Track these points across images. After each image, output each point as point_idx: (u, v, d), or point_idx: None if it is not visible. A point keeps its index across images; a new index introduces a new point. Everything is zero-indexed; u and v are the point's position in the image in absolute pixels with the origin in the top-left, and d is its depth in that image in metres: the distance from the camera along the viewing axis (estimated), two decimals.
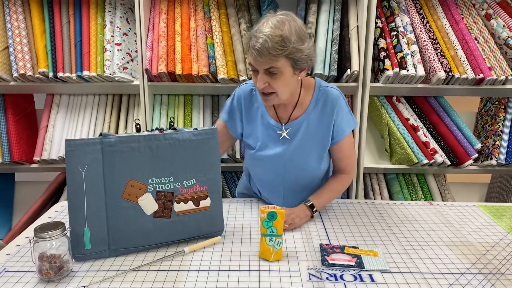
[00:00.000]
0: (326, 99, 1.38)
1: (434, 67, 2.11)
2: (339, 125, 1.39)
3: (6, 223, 2.53)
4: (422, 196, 2.37)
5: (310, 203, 1.38)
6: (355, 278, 1.01)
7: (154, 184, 1.12)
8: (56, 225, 1.00)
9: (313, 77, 1.44)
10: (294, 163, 1.42)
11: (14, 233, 2.37)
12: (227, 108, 1.50)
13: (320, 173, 1.48)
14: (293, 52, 1.19)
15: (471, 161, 2.22)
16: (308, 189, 1.49)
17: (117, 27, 2.19)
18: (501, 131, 2.30)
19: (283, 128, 1.40)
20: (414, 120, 2.30)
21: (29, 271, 1.05)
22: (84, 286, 0.97)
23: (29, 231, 1.29)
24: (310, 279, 1.01)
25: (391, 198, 2.41)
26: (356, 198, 2.31)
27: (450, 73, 2.10)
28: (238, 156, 2.27)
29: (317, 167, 1.44)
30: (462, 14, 2.26)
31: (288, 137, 1.40)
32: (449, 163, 2.23)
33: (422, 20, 2.24)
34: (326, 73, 2.09)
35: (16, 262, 1.09)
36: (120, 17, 2.21)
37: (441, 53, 2.15)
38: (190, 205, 1.17)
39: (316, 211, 1.38)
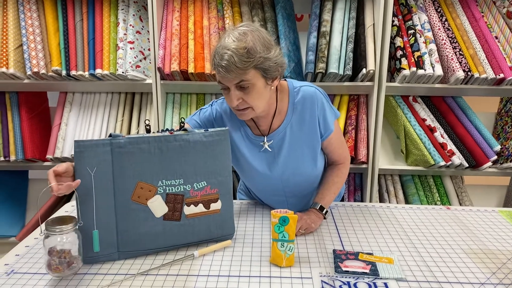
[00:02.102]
0: (304, 100, 1.31)
1: (453, 67, 2.05)
2: (325, 120, 1.32)
3: (19, 220, 2.55)
4: (439, 199, 2.32)
5: (319, 205, 1.35)
6: (370, 286, 0.98)
7: (164, 186, 1.10)
8: (67, 220, 0.99)
9: (285, 79, 1.37)
10: (289, 172, 1.37)
11: (27, 230, 2.39)
12: (203, 117, 1.40)
13: (318, 172, 1.44)
14: (261, 62, 1.13)
15: (490, 163, 2.17)
16: (311, 189, 1.46)
17: (130, 25, 2.18)
18: None
19: (265, 140, 1.34)
20: (431, 121, 2.24)
21: (37, 273, 1.03)
22: None
23: (38, 232, 1.28)
24: (323, 286, 0.98)
25: (406, 200, 2.36)
26: (370, 199, 2.27)
27: (469, 73, 2.04)
28: None
29: (313, 169, 1.39)
30: (482, 12, 2.19)
31: (269, 149, 1.34)
32: (467, 165, 2.17)
33: (441, 18, 2.18)
34: (341, 72, 2.04)
35: (25, 263, 1.08)
36: (133, 15, 2.20)
37: (460, 52, 2.09)
38: (200, 208, 1.15)
39: (326, 212, 1.35)
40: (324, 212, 1.33)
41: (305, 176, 1.39)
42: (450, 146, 2.19)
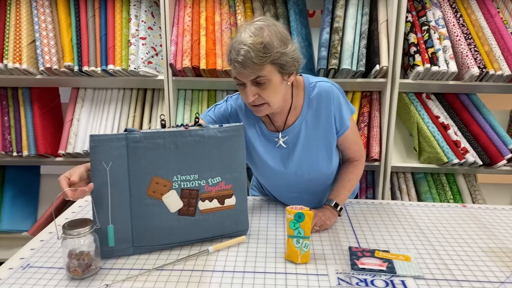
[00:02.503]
0: (319, 95, 1.29)
1: (467, 63, 2.02)
2: (341, 116, 1.30)
3: (31, 215, 2.57)
4: (451, 197, 2.29)
5: (334, 202, 1.33)
6: (387, 284, 0.97)
7: (179, 181, 1.10)
8: (84, 222, 0.99)
9: (300, 74, 1.35)
10: (303, 169, 1.35)
11: (39, 225, 2.40)
12: (217, 113, 1.39)
13: (333, 169, 1.42)
14: (278, 57, 1.11)
15: (504, 161, 2.14)
16: (325, 186, 1.44)
17: (142, 21, 2.17)
18: None
19: (280, 136, 1.33)
20: (444, 118, 2.22)
21: (52, 267, 1.03)
22: (107, 285, 0.96)
23: (53, 226, 1.28)
24: (339, 283, 0.97)
25: (418, 198, 2.34)
26: (382, 197, 2.25)
27: (484, 70, 2.01)
28: None
29: (328, 165, 1.37)
30: (497, 8, 2.16)
31: (284, 145, 1.32)
32: (481, 163, 2.14)
33: (455, 14, 2.15)
34: (354, 68, 2.03)
35: (40, 257, 1.08)
36: (145, 11, 2.19)
37: (475, 48, 2.06)
38: (215, 203, 1.14)
39: (341, 209, 1.33)
40: (338, 209, 1.32)
41: (320, 173, 1.38)
42: (464, 143, 2.16)
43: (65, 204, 2.45)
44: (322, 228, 1.25)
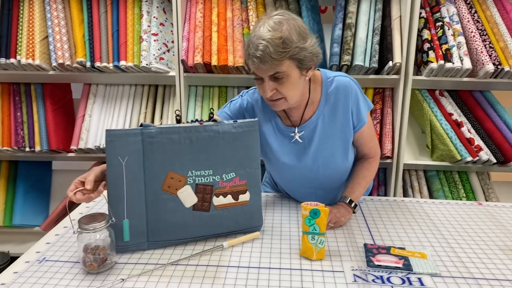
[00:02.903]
0: (337, 90, 1.28)
1: (482, 60, 2.00)
2: (358, 111, 1.29)
3: (43, 210, 2.59)
4: (464, 195, 2.27)
5: (348, 199, 1.32)
6: (403, 281, 0.96)
7: (193, 177, 1.10)
8: (99, 217, 0.99)
9: (318, 69, 1.34)
10: (319, 164, 1.34)
11: (51, 220, 2.42)
12: (232, 109, 1.39)
13: (349, 165, 1.40)
14: (297, 52, 1.10)
15: None
16: (340, 182, 1.44)
17: (154, 17, 2.17)
18: None
19: (296, 131, 1.32)
20: (458, 115, 2.20)
21: (68, 261, 1.04)
22: (123, 279, 0.96)
23: (67, 221, 1.29)
24: (355, 280, 0.96)
25: (431, 195, 2.32)
26: (394, 195, 2.24)
27: (499, 66, 1.99)
28: None
29: (344, 161, 1.36)
30: None
31: (300, 140, 1.32)
32: (495, 161, 2.12)
33: (470, 10, 2.12)
34: (367, 64, 2.01)
35: (56, 251, 1.09)
36: (157, 7, 2.19)
37: (490, 45, 2.04)
38: (229, 199, 1.14)
39: (356, 206, 1.32)
40: (353, 206, 1.31)
41: (335, 168, 1.37)
42: (478, 141, 2.14)
43: None
44: (337, 225, 1.24)
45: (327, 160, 1.34)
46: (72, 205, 2.43)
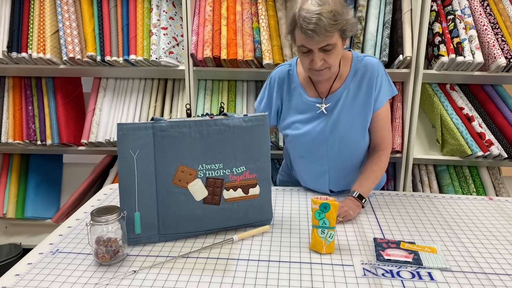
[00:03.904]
0: (365, 68, 1.35)
1: (494, 53, 1.98)
2: (379, 92, 1.36)
3: (54, 203, 2.62)
4: (474, 190, 2.26)
5: (357, 193, 1.33)
6: (413, 276, 0.96)
7: (204, 170, 1.10)
8: (112, 209, 1.00)
9: (349, 50, 1.41)
10: (337, 136, 1.37)
11: (62, 212, 2.45)
12: (263, 95, 1.50)
13: (364, 147, 1.43)
14: (344, 24, 1.19)
15: None
16: (353, 167, 1.45)
17: (164, 11, 2.18)
18: None
19: (322, 102, 1.37)
20: (469, 110, 2.18)
21: (81, 253, 1.05)
22: (135, 271, 0.97)
23: (80, 213, 1.31)
24: (365, 274, 0.96)
25: (440, 190, 2.31)
26: (404, 189, 2.23)
27: (511, 60, 1.96)
28: (281, 143, 2.23)
29: (361, 139, 1.39)
30: None
31: (325, 112, 1.37)
32: (506, 155, 2.10)
33: (482, 3, 2.10)
34: (377, 58, 1.99)
35: (69, 243, 1.10)
36: (167, 1, 2.20)
37: (502, 38, 2.01)
38: (239, 193, 1.15)
39: (365, 200, 1.32)
40: (362, 201, 1.31)
41: (351, 144, 1.39)
42: (489, 136, 2.12)
43: (88, 192, 2.49)
44: (346, 218, 1.24)
45: (345, 132, 1.37)
46: (85, 196, 2.47)
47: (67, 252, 1.06)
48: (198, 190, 1.10)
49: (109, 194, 1.48)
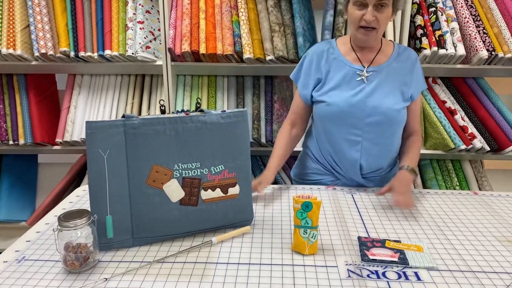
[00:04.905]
0: (408, 55, 1.47)
1: (476, 46, 1.96)
2: (418, 81, 1.47)
3: (29, 205, 2.53)
4: (457, 183, 2.25)
5: (410, 167, 1.39)
6: (399, 276, 0.92)
7: (180, 170, 1.05)
8: (81, 213, 0.94)
9: (390, 40, 1.55)
10: (373, 105, 1.40)
11: (37, 215, 2.37)
12: (299, 70, 1.55)
13: (398, 124, 1.46)
14: None
15: None
16: (385, 147, 1.47)
17: (140, 4, 2.10)
18: None
19: (364, 71, 1.44)
20: (451, 103, 2.16)
21: (49, 260, 0.99)
22: (106, 278, 0.91)
23: (50, 217, 1.24)
24: (349, 276, 0.92)
25: (424, 184, 2.30)
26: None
27: (493, 53, 1.95)
28: (263, 140, 2.18)
29: (397, 110, 1.42)
30: None
31: (365, 81, 1.43)
32: (489, 148, 2.09)
33: None
34: None
35: (36, 250, 1.04)
36: None
37: (484, 30, 2.00)
38: (218, 193, 1.09)
39: (417, 174, 1.43)
40: (415, 173, 1.40)
41: (387, 115, 1.40)
42: (471, 129, 2.11)
43: (64, 193, 2.41)
44: (406, 206, 1.28)
45: (380, 105, 1.40)
46: (60, 198, 2.38)
47: (34, 259, 0.99)
48: (174, 191, 1.04)
49: (82, 195, 1.41)
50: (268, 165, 1.48)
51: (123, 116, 1.01)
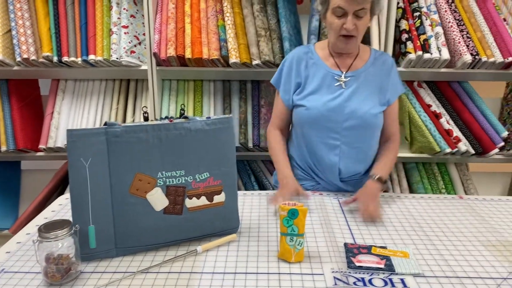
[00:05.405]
0: (384, 60, 1.50)
1: (460, 50, 1.98)
2: (394, 86, 1.49)
3: (12, 212, 2.48)
4: (443, 187, 2.26)
5: (377, 176, 1.39)
6: (386, 283, 0.92)
7: (164, 178, 1.03)
8: (62, 224, 0.91)
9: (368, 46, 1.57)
10: (351, 110, 1.42)
11: (20, 222, 2.31)
12: (279, 75, 1.56)
13: (375, 129, 1.48)
14: None
15: (496, 150, 2.11)
16: (363, 150, 1.48)
17: (124, 8, 2.08)
18: None
19: (343, 76, 1.46)
20: (436, 107, 2.18)
21: (29, 272, 0.96)
22: None
23: (31, 227, 1.21)
24: (335, 283, 0.91)
25: (410, 188, 2.31)
26: None
27: (476, 57, 1.97)
28: (250, 145, 2.17)
29: (374, 114, 1.44)
30: None
31: (344, 86, 1.44)
32: (473, 152, 2.11)
33: (447, 0, 2.10)
34: None
35: (16, 261, 1.01)
36: None
37: (467, 35, 2.02)
38: (203, 201, 1.08)
39: (385, 181, 1.41)
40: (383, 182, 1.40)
41: (364, 119, 1.42)
42: (456, 132, 2.13)
43: (48, 199, 2.36)
44: (373, 219, 1.25)
45: (358, 109, 1.42)
46: (43, 206, 2.33)
47: (13, 271, 0.97)
48: (157, 199, 1.03)
49: (64, 204, 1.38)
50: (285, 174, 1.46)
51: (105, 124, 0.99)
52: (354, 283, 0.92)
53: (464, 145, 2.10)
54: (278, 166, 1.52)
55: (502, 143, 2.11)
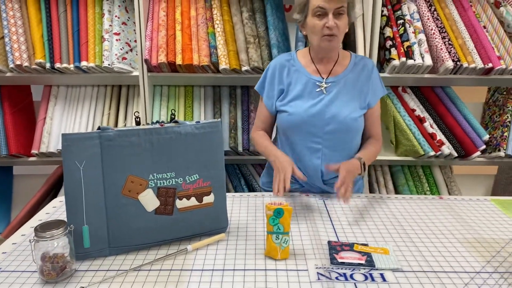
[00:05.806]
0: (364, 65, 1.55)
1: (442, 57, 2.05)
2: (375, 89, 1.54)
3: (5, 217, 2.50)
4: (428, 189, 2.33)
5: (362, 160, 1.44)
6: (366, 278, 0.97)
7: (155, 180, 1.08)
8: (57, 224, 0.95)
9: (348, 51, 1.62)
10: (332, 115, 1.47)
11: (12, 227, 2.33)
12: (263, 82, 1.61)
13: (356, 132, 1.54)
14: None
15: (478, 153, 2.18)
16: (345, 154, 1.52)
17: (116, 16, 2.13)
18: (509, 122, 2.26)
19: (323, 82, 1.51)
20: (420, 111, 2.25)
21: (26, 270, 1.00)
22: (83, 287, 0.93)
23: (26, 228, 1.25)
24: (319, 279, 0.96)
25: (396, 190, 2.37)
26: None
27: (458, 63, 2.04)
28: (240, 149, 2.22)
29: (354, 118, 1.49)
30: (470, 2, 2.20)
31: (325, 92, 1.50)
32: (456, 155, 2.18)
33: (430, 8, 2.17)
34: None
35: (12, 261, 1.05)
36: (119, 6, 2.15)
37: (449, 42, 2.09)
38: (193, 201, 1.13)
39: (365, 165, 1.45)
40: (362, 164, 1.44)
41: (345, 124, 1.48)
42: (440, 136, 2.19)
43: (40, 204, 2.39)
44: (348, 175, 1.33)
45: (339, 113, 1.47)
46: (36, 210, 2.36)
47: (10, 270, 1.00)
48: (149, 200, 1.07)
49: (58, 207, 1.42)
50: (277, 155, 1.48)
51: (99, 128, 1.04)
52: (336, 278, 0.97)
53: (447, 148, 2.16)
54: (267, 151, 1.55)
55: (484, 146, 2.18)
